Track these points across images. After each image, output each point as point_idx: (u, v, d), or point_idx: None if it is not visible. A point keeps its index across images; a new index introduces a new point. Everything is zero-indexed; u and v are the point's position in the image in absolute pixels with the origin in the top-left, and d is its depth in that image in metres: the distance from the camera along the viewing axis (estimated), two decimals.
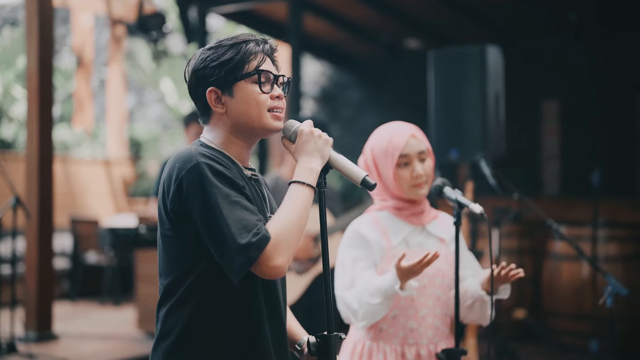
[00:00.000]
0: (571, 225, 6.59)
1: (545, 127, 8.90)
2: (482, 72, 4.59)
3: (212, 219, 1.84)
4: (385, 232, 2.58)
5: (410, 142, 2.57)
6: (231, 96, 2.00)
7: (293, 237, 1.89)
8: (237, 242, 1.81)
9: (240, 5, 7.98)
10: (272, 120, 2.02)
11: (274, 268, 1.84)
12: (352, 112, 10.67)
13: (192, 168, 1.88)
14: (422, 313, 2.56)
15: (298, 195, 1.94)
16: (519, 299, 6.69)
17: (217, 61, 1.98)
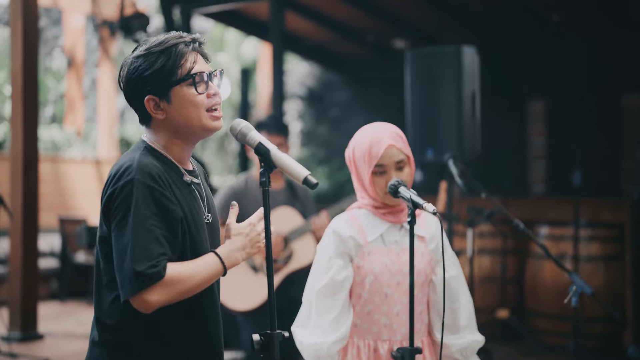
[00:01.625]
0: (553, 225, 6.61)
1: (531, 127, 8.92)
2: (458, 72, 4.62)
3: (122, 235, 1.90)
4: (362, 229, 2.60)
5: (388, 152, 2.57)
6: (169, 102, 2.03)
7: (182, 290, 1.93)
8: (133, 267, 1.86)
9: (223, 5, 8.01)
10: (212, 121, 2.07)
11: (147, 302, 1.89)
12: (340, 112, 10.69)
13: (127, 183, 1.93)
14: (395, 310, 2.57)
15: (210, 266, 2.00)
16: (502, 299, 6.71)
17: (150, 70, 2.00)
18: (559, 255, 6.46)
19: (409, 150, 2.63)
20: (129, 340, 1.99)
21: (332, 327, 2.52)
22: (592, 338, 6.28)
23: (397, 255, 2.59)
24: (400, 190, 2.48)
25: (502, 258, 6.72)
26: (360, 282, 2.57)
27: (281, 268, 4.14)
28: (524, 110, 8.93)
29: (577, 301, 3.21)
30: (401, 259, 2.58)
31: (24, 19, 6.64)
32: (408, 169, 2.61)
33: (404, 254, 2.58)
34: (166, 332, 1.99)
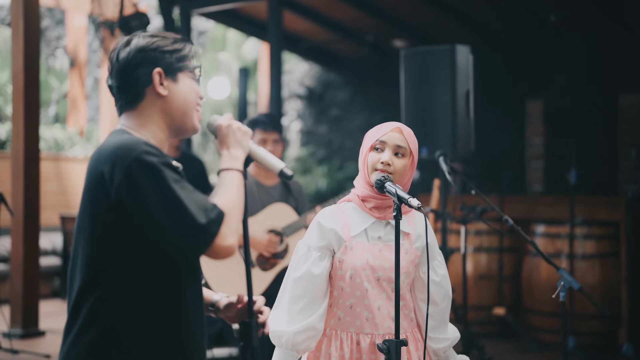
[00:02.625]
0: (550, 223, 6.65)
1: (530, 127, 8.96)
2: (452, 71, 4.67)
3: (170, 203, 1.87)
4: (347, 223, 2.62)
5: (393, 133, 2.61)
6: (175, 81, 2.07)
7: (238, 216, 1.97)
8: (198, 222, 1.86)
9: (222, 5, 8.06)
10: (196, 121, 2.14)
11: (227, 248, 1.91)
12: (339, 112, 10.75)
13: (139, 156, 1.89)
14: (376, 304, 2.59)
15: (231, 179, 2.02)
16: (499, 297, 6.76)
17: (169, 47, 2.06)
18: (555, 253, 6.51)
19: (415, 148, 2.66)
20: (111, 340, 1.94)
21: (299, 317, 2.56)
22: (587, 335, 6.33)
23: (379, 251, 2.61)
24: (386, 185, 2.51)
25: (499, 256, 6.77)
26: (342, 276, 2.60)
27: (278, 263, 4.19)
28: (523, 109, 8.96)
29: (564, 296, 3.24)
30: (383, 254, 2.60)
31: (25, 18, 6.71)
32: (405, 161, 2.61)
33: (386, 250, 2.61)
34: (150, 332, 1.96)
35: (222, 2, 8.00)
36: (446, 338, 2.72)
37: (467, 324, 4.68)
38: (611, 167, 8.27)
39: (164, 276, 1.97)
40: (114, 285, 1.94)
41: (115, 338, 1.94)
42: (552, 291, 6.28)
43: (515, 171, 8.91)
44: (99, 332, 1.94)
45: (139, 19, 6.21)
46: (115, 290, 1.94)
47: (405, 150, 2.62)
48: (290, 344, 2.56)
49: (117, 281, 1.94)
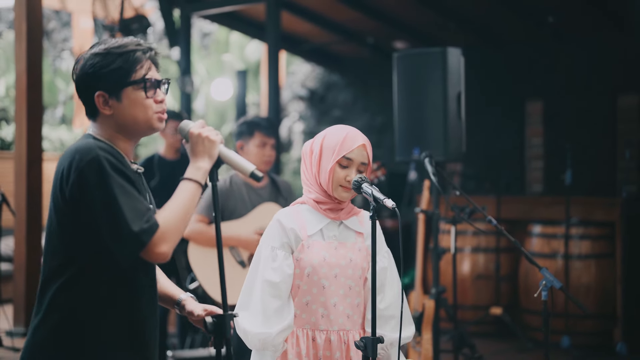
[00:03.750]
0: (546, 224, 6.69)
1: (529, 127, 9.00)
2: (443, 73, 4.71)
3: (109, 207, 2.02)
4: (303, 224, 2.69)
5: (359, 150, 2.67)
6: (119, 101, 2.18)
7: (178, 227, 2.10)
8: (131, 228, 2.00)
9: (222, 8, 8.13)
10: (157, 122, 2.23)
11: (160, 254, 2.05)
12: (341, 113, 10.81)
13: (93, 160, 2.05)
14: (333, 301, 2.65)
15: (184, 190, 2.15)
16: (496, 296, 6.81)
17: (107, 68, 2.16)
18: (551, 253, 6.56)
19: (371, 159, 2.75)
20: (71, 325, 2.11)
21: (277, 317, 2.60)
22: (582, 335, 6.37)
23: (335, 249, 2.68)
24: (363, 186, 2.58)
25: (496, 256, 6.82)
26: (300, 274, 2.66)
27: None
28: (522, 110, 9.00)
29: (546, 295, 3.29)
30: (339, 252, 2.68)
31: (28, 21, 6.78)
32: (364, 175, 2.69)
33: (341, 247, 2.68)
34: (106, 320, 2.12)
35: (222, 5, 8.07)
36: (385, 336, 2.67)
37: (457, 323, 4.72)
38: (610, 167, 8.30)
39: (116, 269, 2.11)
40: (73, 275, 2.11)
41: (75, 324, 2.10)
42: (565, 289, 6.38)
43: (515, 172, 8.94)
44: (60, 319, 2.10)
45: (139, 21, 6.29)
46: (73, 280, 2.11)
47: (366, 165, 2.71)
48: (273, 345, 2.60)
49: (75, 272, 2.11)
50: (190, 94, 8.06)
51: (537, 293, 3.32)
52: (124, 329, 2.14)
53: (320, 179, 2.70)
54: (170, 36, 7.48)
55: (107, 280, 2.12)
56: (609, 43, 8.36)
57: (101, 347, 2.11)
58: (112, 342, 2.12)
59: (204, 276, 4.20)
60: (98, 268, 2.11)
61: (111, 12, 8.34)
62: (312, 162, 2.72)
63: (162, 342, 5.75)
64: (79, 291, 2.10)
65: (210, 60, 12.44)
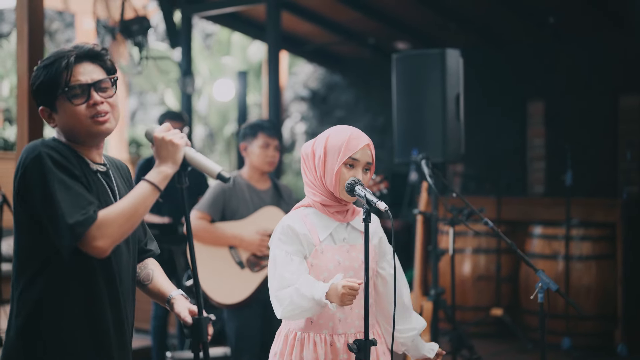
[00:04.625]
0: (547, 225, 6.69)
1: (531, 128, 8.99)
2: (442, 74, 4.71)
3: (47, 200, 2.04)
4: (313, 228, 2.67)
5: (365, 150, 2.67)
6: (56, 112, 2.21)
7: (119, 223, 2.06)
8: (66, 220, 2.00)
9: (223, 9, 8.14)
10: (96, 126, 2.20)
11: (95, 248, 2.03)
12: (344, 113, 10.82)
13: (35, 157, 2.08)
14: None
15: (138, 190, 2.12)
16: (496, 297, 6.80)
17: (36, 83, 2.20)
18: (552, 254, 6.56)
19: (374, 159, 2.74)
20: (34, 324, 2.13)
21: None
22: (583, 336, 6.37)
23: (347, 252, 2.66)
24: (356, 188, 2.58)
25: (496, 257, 6.81)
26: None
27: (265, 265, 4.23)
28: (524, 111, 9.00)
29: (542, 297, 3.29)
30: (351, 255, 2.67)
31: (30, 21, 6.78)
32: (370, 174, 2.71)
33: (352, 250, 2.67)
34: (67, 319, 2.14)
35: (223, 6, 8.08)
36: (412, 328, 2.78)
37: (456, 325, 4.72)
38: (611, 168, 8.29)
39: (72, 265, 2.12)
40: (33, 275, 2.14)
41: (38, 323, 2.13)
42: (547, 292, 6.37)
43: (516, 172, 8.94)
44: (25, 318, 2.13)
45: (140, 23, 6.29)
46: (35, 277, 2.14)
47: (371, 165, 2.71)
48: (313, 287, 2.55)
49: (34, 270, 2.14)
50: (191, 94, 8.07)
51: (534, 295, 3.32)
52: (85, 329, 2.15)
53: (326, 181, 2.67)
54: (171, 37, 7.48)
55: (66, 277, 2.13)
56: (609, 43, 8.35)
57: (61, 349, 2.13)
58: (72, 344, 2.14)
59: (201, 274, 4.18)
60: (56, 264, 2.12)
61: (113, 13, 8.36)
62: (315, 164, 2.70)
63: (162, 343, 5.76)
64: (36, 293, 2.12)
65: (212, 61, 12.46)
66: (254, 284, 4.17)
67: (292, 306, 2.58)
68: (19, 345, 2.12)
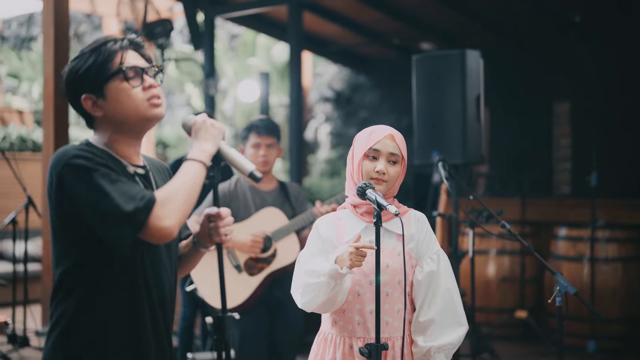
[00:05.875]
0: (572, 226, 6.61)
1: (557, 128, 8.90)
2: (462, 75, 4.68)
3: (95, 196, 1.95)
4: (340, 229, 2.66)
5: (385, 140, 2.64)
6: (104, 98, 2.11)
7: (180, 202, 2.00)
8: (123, 210, 1.92)
9: (245, 10, 8.15)
10: (151, 109, 2.13)
11: (163, 229, 1.95)
12: (368, 114, 10.79)
13: (70, 159, 2.00)
14: (369, 308, 2.62)
15: (188, 169, 2.06)
16: (521, 300, 6.74)
17: (82, 68, 2.10)
18: (577, 256, 6.48)
19: (405, 153, 2.69)
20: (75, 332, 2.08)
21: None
22: (609, 339, 6.29)
23: (370, 256, 2.60)
24: (367, 192, 2.55)
25: (521, 258, 6.75)
26: None
27: (265, 267, 4.16)
28: (550, 111, 8.91)
29: (561, 301, 3.25)
30: (375, 259, 2.59)
31: (56, 25, 6.89)
32: (399, 168, 2.65)
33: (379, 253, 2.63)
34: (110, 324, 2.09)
35: (245, 8, 8.10)
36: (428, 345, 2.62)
37: (475, 327, 4.69)
38: (638, 169, 8.18)
39: (114, 272, 2.08)
40: (72, 284, 2.08)
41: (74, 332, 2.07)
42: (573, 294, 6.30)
43: (543, 173, 8.85)
44: (66, 325, 2.08)
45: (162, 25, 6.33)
46: (72, 289, 2.08)
47: (398, 157, 2.65)
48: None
49: (73, 280, 2.08)
50: (214, 96, 8.10)
51: (552, 299, 3.27)
52: (126, 335, 2.10)
53: (354, 177, 2.67)
54: (194, 39, 7.52)
55: (105, 286, 2.08)
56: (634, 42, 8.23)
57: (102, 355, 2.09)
58: (113, 350, 2.09)
59: (200, 278, 4.13)
60: (95, 273, 2.07)
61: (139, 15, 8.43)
62: (348, 163, 2.71)
63: (189, 344, 5.77)
64: (75, 303, 2.07)
65: (237, 62, 12.50)
66: (251, 288, 4.09)
67: (308, 288, 2.56)
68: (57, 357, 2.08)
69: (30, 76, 13.70)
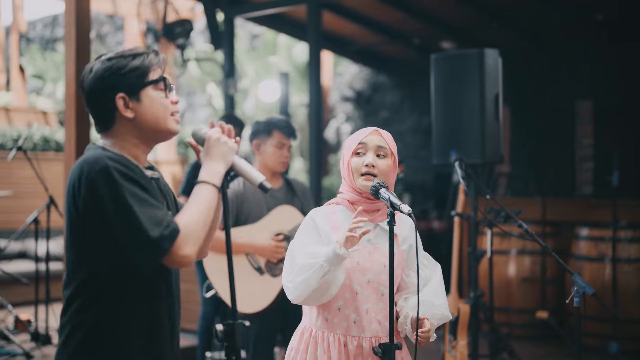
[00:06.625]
0: (593, 226, 6.55)
1: (580, 128, 8.82)
2: (480, 74, 4.65)
3: (124, 216, 1.97)
4: (336, 226, 2.66)
5: (371, 136, 2.68)
6: (139, 101, 2.15)
7: (200, 229, 2.05)
8: (150, 235, 1.95)
9: (265, 10, 8.16)
10: (174, 124, 2.22)
11: (184, 257, 2.01)
12: (389, 114, 10.77)
13: (101, 170, 2.00)
14: (365, 307, 2.62)
15: (203, 193, 2.10)
16: (542, 300, 6.69)
17: (125, 69, 2.13)
18: (599, 256, 6.42)
19: (395, 150, 2.71)
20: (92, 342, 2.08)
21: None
22: (632, 340, 6.23)
23: (369, 254, 2.63)
24: (381, 191, 2.55)
25: (542, 259, 6.70)
26: None
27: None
28: (572, 110, 8.83)
29: (578, 302, 3.23)
30: (373, 257, 2.63)
31: (77, 26, 6.94)
32: (388, 161, 2.66)
33: (375, 252, 2.63)
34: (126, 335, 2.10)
35: (265, 7, 8.11)
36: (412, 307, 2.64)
37: (494, 327, 4.66)
38: None
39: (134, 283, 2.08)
40: (94, 292, 2.08)
41: (96, 342, 2.07)
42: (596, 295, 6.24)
43: (564, 173, 8.78)
44: (82, 337, 2.08)
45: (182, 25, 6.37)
46: (94, 298, 2.08)
47: (387, 151, 2.67)
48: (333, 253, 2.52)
49: (95, 288, 2.08)
50: (234, 95, 8.13)
51: (569, 299, 3.25)
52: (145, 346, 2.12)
53: (346, 178, 2.70)
54: (214, 39, 7.54)
55: (127, 296, 2.09)
56: None
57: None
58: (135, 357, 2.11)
59: (221, 284, 4.08)
60: (117, 283, 2.08)
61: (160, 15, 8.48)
62: (341, 167, 2.74)
63: (209, 343, 5.79)
64: (99, 309, 2.07)
65: (259, 62, 12.53)
66: (277, 289, 4.06)
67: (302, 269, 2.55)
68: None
69: (54, 77, 13.84)
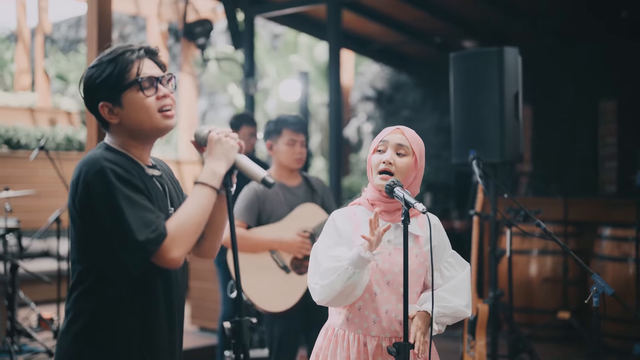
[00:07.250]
0: (616, 226, 6.48)
1: (603, 127, 8.74)
2: (500, 73, 4.61)
3: (114, 217, 2.04)
4: (357, 226, 2.65)
5: (393, 134, 2.67)
6: (121, 107, 2.19)
7: (190, 232, 2.10)
8: (136, 238, 2.02)
9: (285, 10, 8.17)
10: (163, 120, 2.22)
11: (171, 260, 2.06)
12: (410, 113, 10.73)
13: (98, 172, 2.08)
14: (385, 308, 2.62)
15: (199, 195, 2.14)
16: (564, 300, 6.63)
17: (100, 77, 2.17)
18: (622, 256, 6.35)
19: (418, 149, 2.68)
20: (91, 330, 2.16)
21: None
22: None
23: (388, 255, 2.62)
24: (395, 190, 2.54)
25: (563, 259, 6.64)
26: None
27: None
28: (595, 109, 8.75)
29: (597, 302, 3.20)
30: (393, 258, 2.62)
31: (99, 27, 6.99)
32: (408, 160, 2.64)
33: (396, 253, 2.62)
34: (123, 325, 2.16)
35: (285, 7, 8.12)
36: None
37: (513, 327, 4.62)
38: None
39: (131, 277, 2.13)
40: (93, 283, 2.16)
41: (94, 330, 2.15)
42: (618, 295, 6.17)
43: (588, 172, 8.70)
44: (82, 326, 2.15)
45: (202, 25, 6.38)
46: (93, 288, 2.16)
47: (407, 150, 2.65)
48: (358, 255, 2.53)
49: (94, 279, 2.16)
50: (254, 95, 8.14)
51: (588, 299, 3.22)
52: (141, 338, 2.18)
53: (368, 173, 2.69)
54: (234, 38, 7.55)
55: (124, 288, 2.15)
56: None
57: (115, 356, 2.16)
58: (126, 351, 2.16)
59: (245, 283, 4.07)
60: (115, 276, 2.14)
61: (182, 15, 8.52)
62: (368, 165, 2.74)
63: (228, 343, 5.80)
64: (95, 301, 2.15)
65: (280, 61, 12.54)
66: (303, 287, 4.05)
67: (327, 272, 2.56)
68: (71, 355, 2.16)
69: (77, 78, 13.97)
